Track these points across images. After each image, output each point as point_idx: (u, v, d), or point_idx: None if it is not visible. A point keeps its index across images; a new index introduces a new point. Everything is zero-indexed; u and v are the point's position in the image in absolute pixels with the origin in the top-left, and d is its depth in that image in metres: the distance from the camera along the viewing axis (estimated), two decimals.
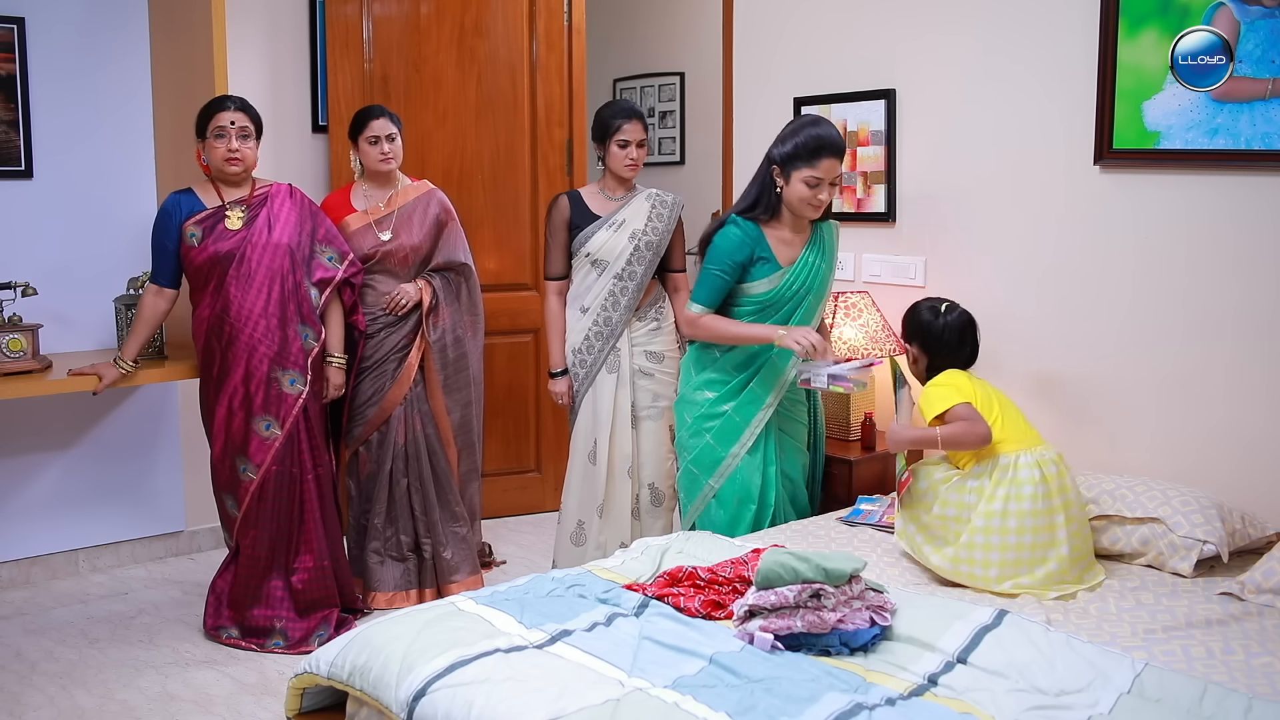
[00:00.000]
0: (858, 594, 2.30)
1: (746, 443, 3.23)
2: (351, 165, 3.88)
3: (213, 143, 3.43)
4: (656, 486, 3.70)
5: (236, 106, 3.45)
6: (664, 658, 2.21)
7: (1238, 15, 2.90)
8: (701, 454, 3.26)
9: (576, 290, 3.71)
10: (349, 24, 4.29)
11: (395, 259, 3.76)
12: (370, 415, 3.77)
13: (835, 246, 3.32)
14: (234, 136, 3.43)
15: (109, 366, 3.50)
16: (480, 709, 2.01)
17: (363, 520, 3.86)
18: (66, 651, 3.50)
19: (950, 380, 2.92)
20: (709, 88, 5.66)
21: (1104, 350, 3.28)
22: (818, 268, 3.23)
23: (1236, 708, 1.96)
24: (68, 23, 4.00)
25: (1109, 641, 2.33)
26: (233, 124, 3.42)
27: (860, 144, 3.81)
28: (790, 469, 3.34)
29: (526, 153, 4.66)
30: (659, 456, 3.70)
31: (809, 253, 3.23)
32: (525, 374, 4.78)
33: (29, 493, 4.10)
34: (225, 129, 3.42)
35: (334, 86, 4.29)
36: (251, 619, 3.52)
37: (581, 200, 3.72)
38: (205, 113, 3.45)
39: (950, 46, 3.57)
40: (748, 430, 3.23)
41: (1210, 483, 3.01)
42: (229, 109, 3.43)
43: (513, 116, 4.61)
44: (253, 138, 3.48)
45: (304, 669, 2.40)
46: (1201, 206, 3.05)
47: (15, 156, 3.94)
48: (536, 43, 4.64)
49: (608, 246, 3.65)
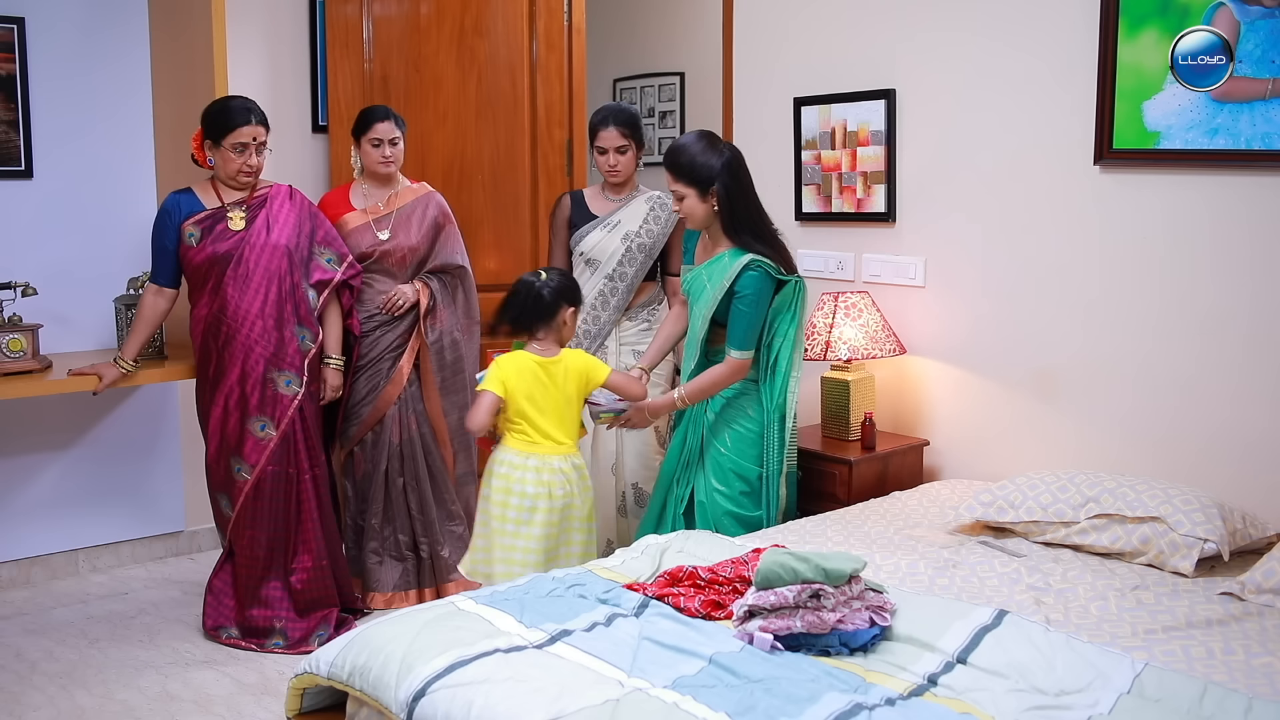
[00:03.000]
0: (857, 594, 2.30)
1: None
2: (351, 163, 3.89)
3: (229, 154, 3.41)
4: (640, 487, 3.71)
5: (258, 120, 3.43)
6: (664, 658, 2.21)
7: (1238, 15, 2.90)
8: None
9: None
10: (349, 24, 4.29)
11: (393, 259, 3.77)
12: (365, 414, 3.77)
13: (726, 278, 3.17)
14: (254, 152, 3.43)
15: (109, 366, 3.50)
16: (480, 709, 2.01)
17: (360, 521, 3.86)
18: (66, 651, 3.50)
19: (495, 367, 3.10)
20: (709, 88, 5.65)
21: (1104, 350, 3.28)
22: (701, 282, 3.25)
23: (1236, 708, 1.96)
24: (68, 23, 4.00)
25: (1109, 641, 2.32)
26: (254, 140, 3.42)
27: (860, 144, 3.81)
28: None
29: (526, 153, 4.66)
30: (644, 457, 3.71)
31: (706, 266, 3.25)
32: None
33: (29, 493, 4.10)
34: (247, 145, 3.41)
35: (334, 86, 4.29)
36: (251, 619, 3.52)
37: (583, 200, 3.75)
38: (224, 120, 3.40)
39: (950, 46, 3.57)
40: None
41: (1211, 483, 3.01)
42: (252, 123, 3.41)
43: (513, 116, 4.61)
44: (265, 147, 3.48)
45: (304, 669, 2.39)
46: (1201, 206, 3.05)
47: (15, 156, 3.94)
48: (536, 43, 4.63)
49: (600, 246, 3.68)
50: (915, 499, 3.35)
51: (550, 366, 3.10)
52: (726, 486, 3.26)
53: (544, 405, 3.09)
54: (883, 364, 3.79)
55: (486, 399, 3.06)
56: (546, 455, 3.09)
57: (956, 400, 3.65)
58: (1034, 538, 2.96)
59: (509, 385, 3.07)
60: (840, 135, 3.86)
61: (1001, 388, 3.53)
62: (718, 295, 3.18)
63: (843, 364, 3.63)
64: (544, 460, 3.08)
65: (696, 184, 3.16)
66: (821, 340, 3.61)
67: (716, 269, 3.21)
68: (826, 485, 3.52)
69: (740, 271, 3.14)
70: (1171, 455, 3.14)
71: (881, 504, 3.32)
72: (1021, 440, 3.48)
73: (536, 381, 3.08)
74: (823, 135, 3.91)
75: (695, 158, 3.15)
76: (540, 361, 3.10)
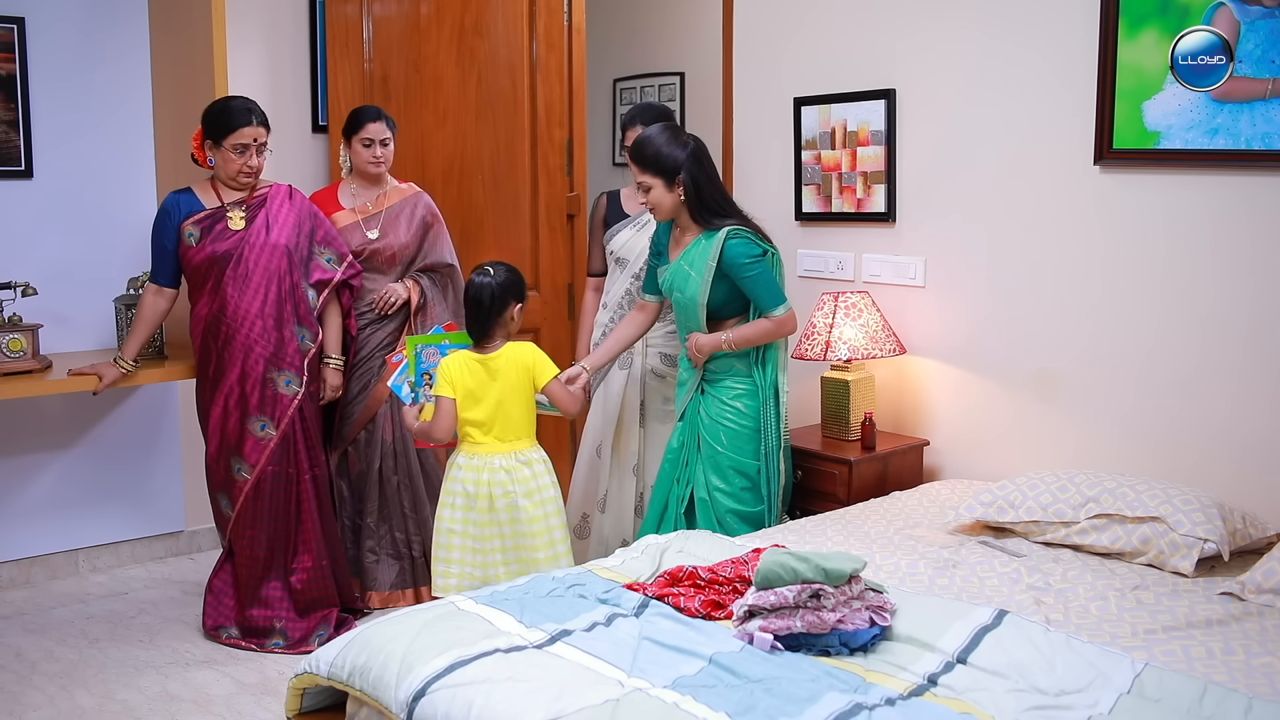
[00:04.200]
0: (857, 594, 2.30)
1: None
2: (340, 161, 3.90)
3: (230, 154, 3.41)
4: None
5: (259, 121, 3.44)
6: (664, 658, 2.21)
7: (1238, 15, 2.90)
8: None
9: (606, 286, 3.81)
10: (349, 24, 4.29)
11: (382, 258, 3.79)
12: (357, 413, 3.79)
13: (711, 256, 3.21)
14: (255, 153, 3.43)
15: (109, 366, 3.50)
16: (480, 709, 2.01)
17: (358, 520, 3.86)
18: (66, 651, 3.50)
19: (442, 371, 3.09)
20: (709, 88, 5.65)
21: (1104, 350, 3.28)
22: (684, 273, 3.27)
23: (1236, 708, 1.96)
24: (68, 22, 4.00)
25: (1109, 641, 2.32)
26: (255, 141, 3.42)
27: (860, 144, 3.81)
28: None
29: (526, 153, 4.66)
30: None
31: (683, 257, 3.28)
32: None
33: (29, 493, 4.10)
34: (249, 146, 3.42)
35: (334, 86, 4.29)
36: (251, 619, 3.52)
37: (618, 199, 3.82)
38: (225, 121, 3.40)
39: (950, 46, 3.57)
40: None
41: (1211, 483, 3.01)
42: (253, 124, 3.41)
43: (513, 116, 4.61)
44: (265, 147, 3.48)
45: (304, 669, 2.40)
46: (1201, 206, 3.05)
47: (15, 156, 3.94)
48: (536, 43, 4.63)
49: (628, 245, 3.71)
50: (915, 499, 3.35)
51: (489, 362, 3.09)
52: (727, 484, 3.28)
53: (485, 400, 3.08)
54: (883, 364, 3.79)
55: (446, 405, 3.06)
56: (489, 454, 3.08)
57: (956, 400, 3.65)
58: (1034, 538, 2.96)
59: (456, 385, 3.07)
60: (840, 135, 3.86)
61: (1002, 388, 3.53)
62: (708, 276, 3.21)
63: (843, 364, 3.63)
64: (487, 459, 3.08)
65: (663, 174, 3.23)
66: (821, 340, 3.61)
67: (696, 254, 3.26)
68: (826, 485, 3.52)
69: (723, 244, 3.21)
70: (1172, 455, 3.14)
71: (881, 504, 3.32)
72: (1022, 440, 3.48)
73: (476, 377, 3.08)
74: (823, 135, 3.91)
75: (660, 149, 3.23)
76: (479, 358, 3.10)
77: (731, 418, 3.29)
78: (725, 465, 3.28)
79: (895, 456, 3.60)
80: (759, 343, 3.29)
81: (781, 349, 3.37)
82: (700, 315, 3.27)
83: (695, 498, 3.32)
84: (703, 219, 3.27)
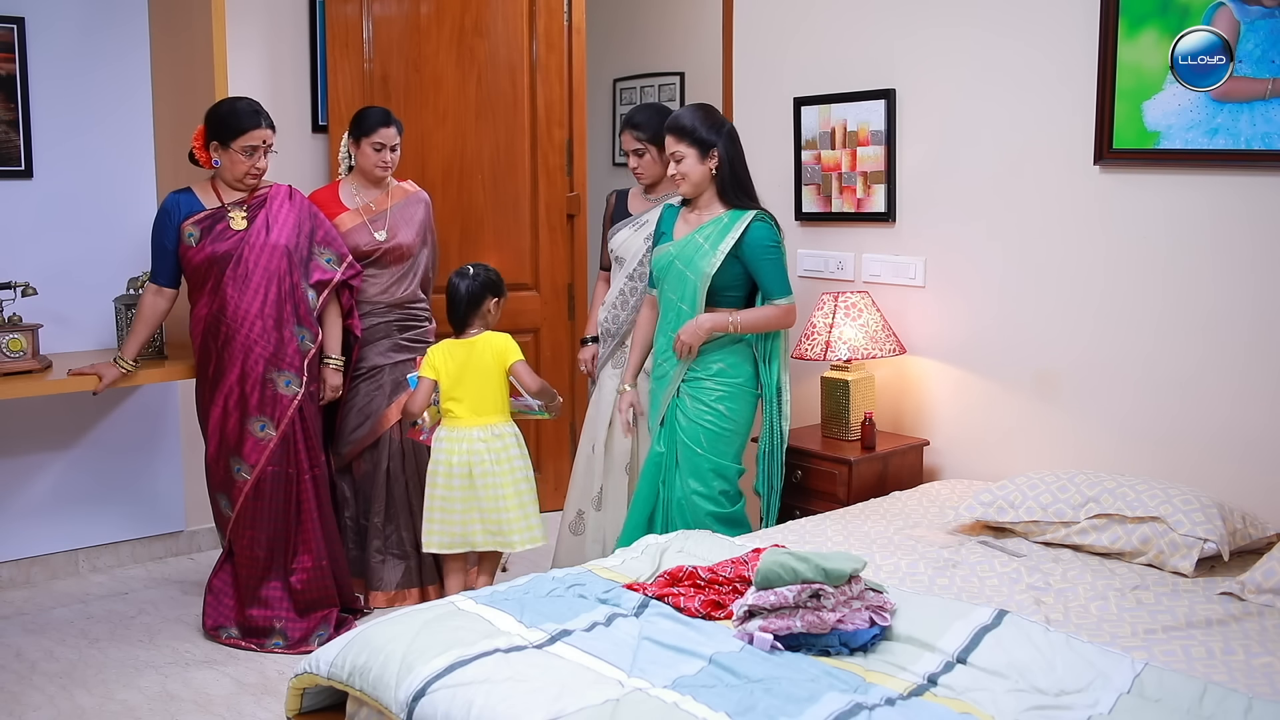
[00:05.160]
0: (857, 594, 2.30)
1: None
2: (339, 158, 3.90)
3: (239, 156, 3.42)
4: None
5: (268, 123, 3.45)
6: (664, 658, 2.21)
7: (1238, 15, 2.90)
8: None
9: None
10: (349, 24, 4.29)
11: (392, 257, 3.80)
12: (363, 435, 3.80)
13: (732, 233, 3.26)
14: (262, 155, 3.44)
15: (109, 366, 3.50)
16: (480, 709, 2.01)
17: (363, 520, 3.86)
18: (66, 651, 3.50)
19: (427, 357, 3.54)
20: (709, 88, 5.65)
21: (1104, 350, 3.28)
22: (696, 244, 3.30)
23: (1236, 708, 1.96)
24: (68, 22, 4.00)
25: (1109, 641, 2.32)
26: (264, 143, 3.44)
27: (860, 144, 3.81)
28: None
29: (526, 153, 4.66)
30: None
31: (698, 231, 3.31)
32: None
33: (29, 493, 4.10)
34: (258, 148, 3.43)
35: (334, 86, 4.29)
36: (251, 619, 3.52)
37: (624, 198, 3.86)
38: (234, 123, 3.41)
39: (950, 46, 3.56)
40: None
41: (1211, 483, 3.01)
42: (262, 126, 3.43)
43: (513, 116, 4.61)
44: (271, 148, 3.49)
45: (304, 669, 2.39)
46: (1202, 206, 3.05)
47: (15, 156, 3.94)
48: (536, 43, 4.63)
49: (626, 245, 3.72)
50: (915, 499, 3.35)
51: (469, 345, 3.53)
52: (705, 486, 3.29)
53: (464, 380, 3.50)
54: (883, 364, 3.79)
55: (424, 384, 3.51)
56: (468, 428, 3.49)
57: (956, 400, 3.65)
58: (1034, 538, 2.96)
59: (439, 368, 3.50)
60: (840, 135, 3.86)
61: (1002, 388, 3.53)
62: (724, 248, 3.25)
63: (842, 364, 3.63)
64: (465, 432, 3.49)
65: (698, 144, 3.28)
66: (821, 340, 3.61)
67: (715, 230, 3.28)
68: (826, 485, 3.52)
69: (750, 224, 3.27)
70: (1172, 455, 3.14)
71: (881, 504, 3.32)
72: (1022, 440, 3.48)
73: (456, 360, 3.50)
74: (823, 135, 3.91)
75: (698, 122, 3.30)
76: (461, 342, 3.54)
77: (711, 420, 3.30)
78: (705, 468, 3.29)
79: (895, 456, 3.60)
80: (763, 329, 3.31)
81: (784, 349, 3.37)
82: (701, 292, 3.28)
83: (672, 500, 3.33)
84: (731, 197, 3.32)
